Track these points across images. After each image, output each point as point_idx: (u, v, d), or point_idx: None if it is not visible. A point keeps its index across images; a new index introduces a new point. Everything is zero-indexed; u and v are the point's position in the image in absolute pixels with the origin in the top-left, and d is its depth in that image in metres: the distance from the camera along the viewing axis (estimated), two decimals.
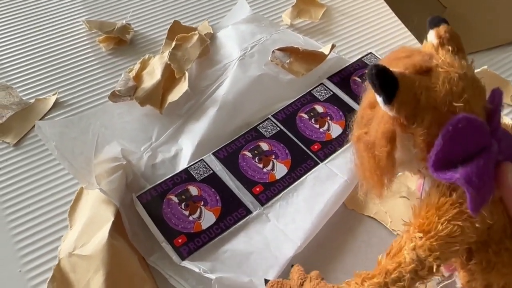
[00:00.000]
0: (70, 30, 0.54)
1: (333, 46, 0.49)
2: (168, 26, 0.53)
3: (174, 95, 0.45)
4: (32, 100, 0.47)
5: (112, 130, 0.44)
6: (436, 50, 0.26)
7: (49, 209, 0.40)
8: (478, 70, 0.48)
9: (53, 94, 0.48)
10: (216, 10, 0.57)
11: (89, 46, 0.53)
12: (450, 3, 0.58)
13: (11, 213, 0.40)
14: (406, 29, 0.54)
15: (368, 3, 0.58)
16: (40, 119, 0.45)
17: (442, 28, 0.27)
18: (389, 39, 0.54)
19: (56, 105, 0.47)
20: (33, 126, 0.44)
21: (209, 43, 0.50)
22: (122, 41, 0.53)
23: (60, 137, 0.40)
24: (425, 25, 0.28)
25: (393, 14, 0.56)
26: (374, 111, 0.26)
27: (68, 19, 0.56)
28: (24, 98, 0.48)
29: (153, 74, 0.47)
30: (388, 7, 0.57)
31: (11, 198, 0.41)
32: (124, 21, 0.54)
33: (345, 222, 0.39)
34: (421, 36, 0.39)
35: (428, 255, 0.24)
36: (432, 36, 0.27)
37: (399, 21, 0.55)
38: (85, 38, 0.53)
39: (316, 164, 0.42)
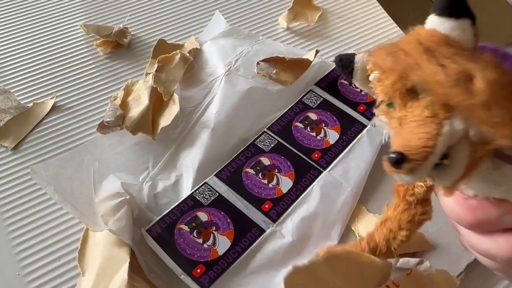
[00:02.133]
0: (67, 34, 0.54)
1: (317, 52, 0.49)
2: (166, 30, 0.54)
3: (166, 119, 0.44)
4: (30, 104, 0.47)
5: (106, 164, 0.42)
6: None
7: (48, 212, 0.40)
8: None
9: (51, 98, 0.48)
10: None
11: (86, 50, 0.52)
12: None
13: (9, 217, 0.40)
14: (402, 32, 0.55)
15: (364, 6, 0.58)
16: (38, 123, 0.46)
17: None
18: (384, 42, 0.54)
19: (54, 109, 0.47)
20: (31, 130, 0.45)
21: (192, 60, 0.49)
22: (119, 45, 0.53)
23: (57, 180, 0.38)
24: None
25: (389, 17, 0.57)
26: (452, 63, 0.19)
27: (65, 23, 0.55)
28: (22, 102, 0.48)
29: (139, 100, 0.46)
30: (383, 10, 0.58)
31: (9, 202, 0.41)
32: (121, 25, 0.53)
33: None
34: None
35: None
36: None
37: (394, 24, 0.56)
38: (82, 42, 0.53)
39: (320, 172, 0.42)
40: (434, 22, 0.20)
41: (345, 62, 0.24)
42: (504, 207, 0.21)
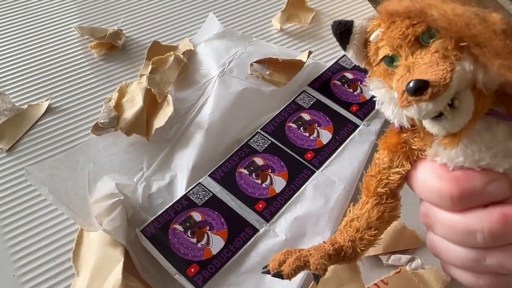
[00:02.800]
0: (62, 36, 0.54)
1: (309, 53, 0.49)
2: (160, 31, 0.55)
3: (160, 120, 0.44)
4: (25, 106, 0.48)
5: (101, 165, 0.42)
6: None
7: (42, 213, 0.40)
8: None
9: (46, 100, 0.48)
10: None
11: (81, 52, 0.53)
12: None
13: (4, 218, 0.40)
14: None
15: (357, 8, 0.59)
16: (33, 125, 0.46)
17: None
18: None
19: (49, 110, 0.48)
20: (26, 132, 0.46)
21: (186, 61, 0.49)
22: (114, 47, 0.53)
23: (51, 180, 0.38)
24: None
25: None
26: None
27: (60, 25, 0.56)
28: (16, 104, 0.48)
29: (133, 102, 0.46)
30: (376, 12, 0.58)
31: (4, 203, 0.41)
32: (115, 27, 0.54)
33: None
34: None
35: None
36: None
37: None
38: (77, 44, 0.54)
39: (313, 172, 0.42)
40: None
41: (344, 26, 0.24)
42: (489, 175, 0.21)
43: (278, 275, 0.28)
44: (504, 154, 0.21)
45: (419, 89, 0.19)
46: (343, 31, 0.24)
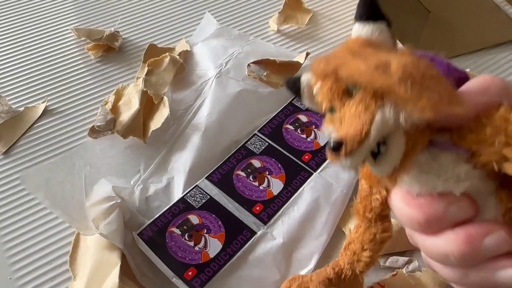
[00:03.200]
0: (58, 38, 0.54)
1: (307, 54, 0.49)
2: (157, 33, 0.55)
3: (157, 122, 0.44)
4: (22, 108, 0.47)
5: (97, 168, 0.42)
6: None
7: (39, 216, 0.40)
8: None
9: (42, 102, 0.48)
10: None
11: (78, 53, 0.53)
12: (434, 7, 0.60)
13: (1, 221, 0.40)
14: None
15: (354, 8, 0.58)
16: (29, 127, 0.46)
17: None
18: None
19: (46, 112, 0.47)
20: (23, 134, 0.46)
21: (182, 62, 0.49)
22: (111, 49, 0.53)
23: (47, 184, 0.38)
24: (409, 29, 0.28)
25: None
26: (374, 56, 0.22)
27: (56, 27, 0.56)
28: (13, 107, 0.48)
29: (130, 104, 0.46)
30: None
31: (0, 206, 0.41)
32: (112, 29, 0.53)
33: None
34: (405, 40, 0.40)
35: None
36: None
37: None
38: (74, 46, 0.53)
39: (310, 174, 0.42)
40: (357, 29, 0.22)
41: (292, 84, 0.25)
42: (447, 198, 0.21)
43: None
44: (456, 179, 0.21)
45: (336, 148, 0.20)
46: (293, 89, 0.25)
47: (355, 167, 0.21)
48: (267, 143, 0.44)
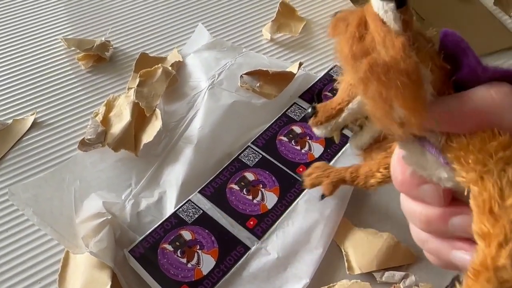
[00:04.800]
0: (48, 48, 0.53)
1: (300, 64, 0.48)
2: (148, 42, 0.54)
3: (149, 135, 0.43)
4: (10, 121, 0.46)
5: (88, 182, 0.41)
6: None
7: (28, 233, 0.39)
8: None
9: (31, 114, 0.47)
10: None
11: (68, 64, 0.52)
12: (429, 15, 0.60)
13: None
14: None
15: None
16: (18, 140, 0.45)
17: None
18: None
19: (35, 125, 0.47)
20: (11, 148, 0.44)
21: (175, 74, 0.48)
22: (101, 59, 0.52)
23: (36, 201, 0.37)
24: None
25: None
26: (369, 37, 0.21)
27: (46, 37, 0.55)
28: (1, 119, 0.47)
29: (121, 116, 0.45)
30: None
31: None
32: (103, 38, 0.53)
33: None
34: None
35: None
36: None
37: None
38: (63, 56, 0.52)
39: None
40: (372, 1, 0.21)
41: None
42: (423, 179, 0.23)
43: (301, 183, 0.39)
44: (437, 179, 0.22)
45: (310, 115, 0.23)
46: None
47: (324, 136, 0.24)
48: (260, 155, 0.43)
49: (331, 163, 0.43)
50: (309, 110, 0.23)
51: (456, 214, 0.22)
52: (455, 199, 0.23)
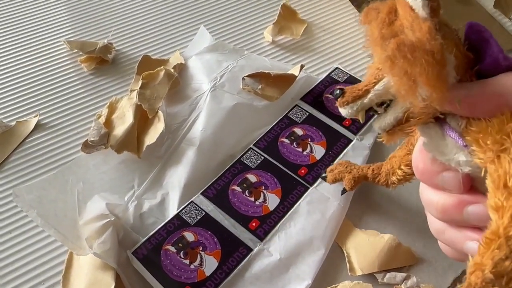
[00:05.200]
0: (50, 51, 0.54)
1: (302, 67, 0.49)
2: (151, 44, 0.54)
3: (151, 137, 0.44)
4: (13, 123, 0.47)
5: (91, 184, 0.42)
6: None
7: (31, 234, 0.39)
8: None
9: (35, 116, 0.47)
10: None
11: (70, 66, 0.52)
12: None
13: None
14: None
15: (348, 19, 0.59)
16: (21, 142, 0.45)
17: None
18: (369, 55, 0.55)
19: (38, 127, 0.47)
20: (15, 149, 0.45)
21: (177, 76, 0.48)
22: (104, 61, 0.52)
23: (40, 202, 0.37)
24: None
25: None
26: (398, 22, 0.22)
27: (48, 39, 0.55)
28: (4, 121, 0.47)
29: (124, 118, 0.45)
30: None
31: None
32: (105, 41, 0.53)
33: None
34: None
35: None
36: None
37: None
38: (66, 58, 0.53)
39: (307, 189, 0.42)
40: None
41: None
42: (442, 166, 0.24)
43: (324, 178, 0.41)
44: (456, 163, 0.23)
45: (338, 95, 0.24)
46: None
47: (350, 116, 0.24)
48: (262, 157, 0.44)
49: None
50: (337, 91, 0.24)
51: (471, 203, 0.23)
52: (473, 188, 0.24)
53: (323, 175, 0.41)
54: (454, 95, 0.21)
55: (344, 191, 0.40)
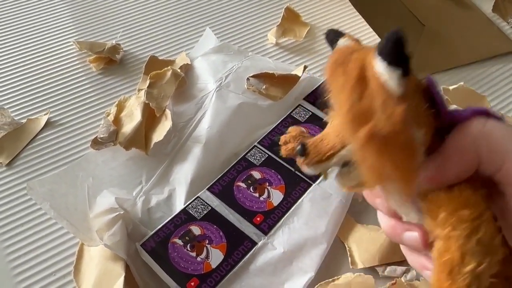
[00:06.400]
0: (61, 51, 0.55)
1: (305, 67, 0.50)
2: (157, 45, 0.56)
3: (159, 135, 0.45)
4: (24, 120, 0.48)
5: (100, 179, 0.43)
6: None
7: (42, 227, 0.40)
8: (455, 86, 0.52)
9: (45, 114, 0.49)
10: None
11: (79, 66, 0.54)
12: (429, 21, 0.62)
13: (3, 233, 0.40)
14: None
15: (350, 22, 0.60)
16: (32, 139, 0.47)
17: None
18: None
19: (48, 124, 0.48)
20: (26, 146, 0.46)
21: (184, 76, 0.50)
22: (112, 61, 0.54)
23: (52, 196, 0.38)
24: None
25: (374, 32, 0.59)
26: (368, 95, 0.20)
27: (58, 39, 0.56)
28: (16, 118, 0.48)
29: (132, 116, 0.46)
30: (368, 26, 0.60)
31: (3, 217, 0.41)
32: (114, 41, 0.54)
33: None
34: None
35: None
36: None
37: (379, 39, 0.58)
38: (75, 58, 0.54)
39: (309, 185, 0.43)
40: (376, 58, 0.20)
41: (332, 36, 0.26)
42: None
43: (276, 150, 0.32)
44: (405, 214, 0.24)
45: (301, 153, 0.23)
46: (331, 41, 0.26)
47: (312, 174, 0.24)
48: (266, 155, 0.45)
49: None
50: (299, 147, 0.23)
51: (406, 230, 0.25)
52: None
53: (275, 147, 0.35)
54: (420, 179, 0.21)
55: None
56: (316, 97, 0.50)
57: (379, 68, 0.20)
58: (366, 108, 0.20)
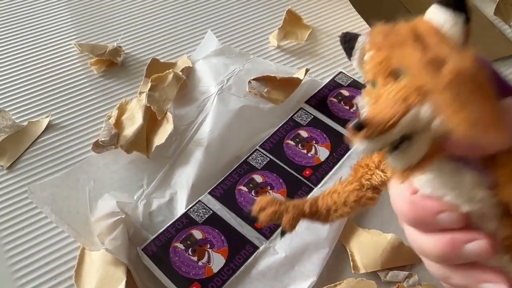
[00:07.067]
0: (62, 53, 0.55)
1: (307, 71, 0.50)
2: (159, 48, 0.56)
3: (160, 138, 0.45)
4: (25, 123, 0.48)
5: (101, 183, 0.43)
6: None
7: (43, 231, 0.40)
8: None
9: (46, 117, 0.49)
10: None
11: (80, 68, 0.53)
12: None
13: (5, 236, 0.40)
14: None
15: (352, 25, 0.60)
16: (33, 142, 0.46)
17: None
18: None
19: (49, 127, 0.48)
20: (27, 149, 0.46)
21: (185, 79, 0.50)
22: (113, 64, 0.53)
23: (53, 199, 0.38)
24: None
25: None
26: (433, 52, 0.20)
27: (59, 42, 0.56)
28: (17, 121, 0.48)
29: (133, 119, 0.46)
30: (370, 29, 0.59)
31: (4, 221, 0.41)
32: (115, 44, 0.54)
33: None
34: None
35: None
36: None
37: None
38: (76, 61, 0.54)
39: (311, 189, 0.43)
40: (432, 12, 0.21)
41: (349, 40, 0.25)
42: (441, 205, 0.22)
43: (255, 219, 0.30)
44: (468, 199, 0.21)
45: (358, 127, 0.20)
46: (347, 45, 0.25)
47: (370, 152, 0.21)
48: (268, 158, 0.45)
49: (337, 166, 0.44)
50: (355, 121, 0.20)
51: (470, 240, 0.21)
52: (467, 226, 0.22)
53: (254, 216, 0.31)
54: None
55: (283, 233, 0.31)
56: (318, 100, 0.50)
57: (440, 19, 0.20)
58: (436, 57, 0.19)
